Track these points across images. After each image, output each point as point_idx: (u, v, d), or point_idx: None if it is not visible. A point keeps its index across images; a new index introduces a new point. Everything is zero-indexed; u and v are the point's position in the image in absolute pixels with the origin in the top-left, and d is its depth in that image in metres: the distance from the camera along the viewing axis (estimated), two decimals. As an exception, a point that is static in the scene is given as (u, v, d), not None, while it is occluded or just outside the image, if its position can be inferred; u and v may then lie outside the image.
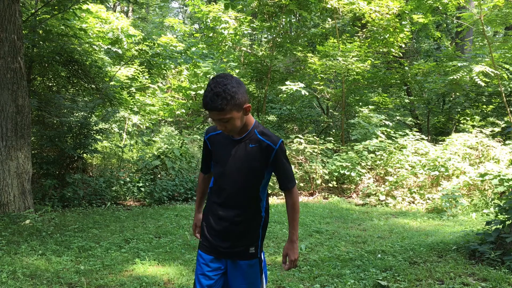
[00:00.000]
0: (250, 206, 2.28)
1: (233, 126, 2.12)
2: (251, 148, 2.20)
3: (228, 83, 2.04)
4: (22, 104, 6.37)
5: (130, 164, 10.15)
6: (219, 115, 2.05)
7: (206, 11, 12.85)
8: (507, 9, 11.02)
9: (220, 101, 2.01)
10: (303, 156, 10.75)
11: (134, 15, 24.43)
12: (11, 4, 6.27)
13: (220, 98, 2.01)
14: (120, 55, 11.12)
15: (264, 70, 13.87)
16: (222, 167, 2.26)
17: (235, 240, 2.28)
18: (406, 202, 9.06)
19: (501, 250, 4.36)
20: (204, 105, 2.07)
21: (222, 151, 2.27)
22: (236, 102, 2.05)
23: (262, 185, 2.28)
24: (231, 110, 2.04)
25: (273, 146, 2.18)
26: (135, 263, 4.43)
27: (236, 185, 2.24)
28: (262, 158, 2.20)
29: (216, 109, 2.03)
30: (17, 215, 6.04)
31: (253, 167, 2.21)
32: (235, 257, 2.29)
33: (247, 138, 2.21)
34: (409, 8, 12.72)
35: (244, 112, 2.12)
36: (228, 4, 7.52)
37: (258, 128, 2.23)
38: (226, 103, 2.02)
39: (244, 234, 2.28)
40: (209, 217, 2.35)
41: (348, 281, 3.93)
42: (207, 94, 2.04)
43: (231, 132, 2.17)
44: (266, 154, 2.20)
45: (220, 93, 2.01)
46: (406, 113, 16.01)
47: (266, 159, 2.20)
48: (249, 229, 2.30)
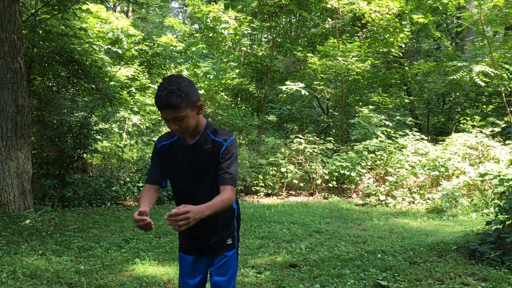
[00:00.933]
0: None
1: (187, 125, 2.11)
2: (206, 149, 2.21)
3: (181, 81, 2.06)
4: (22, 104, 6.37)
5: (130, 164, 10.15)
6: (173, 113, 2.05)
7: (206, 11, 12.85)
8: (507, 9, 11.02)
9: (175, 98, 2.02)
10: (303, 156, 10.75)
11: (134, 15, 24.43)
12: (11, 4, 6.27)
13: (175, 95, 2.02)
14: (120, 55, 11.11)
15: (264, 70, 13.87)
16: (182, 175, 2.25)
17: (211, 234, 2.29)
18: (406, 202, 9.06)
19: (501, 250, 4.36)
20: (158, 103, 2.05)
21: (179, 160, 2.25)
22: (190, 100, 2.07)
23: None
24: (185, 107, 2.06)
25: (223, 143, 2.19)
26: (135, 263, 4.43)
27: (201, 189, 2.23)
28: (217, 156, 2.20)
29: (172, 107, 2.03)
30: (17, 215, 6.04)
31: (213, 168, 2.20)
32: (214, 252, 2.31)
33: (201, 140, 2.22)
34: (409, 8, 12.72)
35: (197, 110, 2.14)
36: (228, 4, 7.52)
37: (210, 127, 2.24)
38: (181, 100, 2.03)
39: (218, 226, 2.30)
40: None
41: (348, 281, 3.93)
42: (161, 93, 2.03)
43: (184, 132, 2.15)
44: (218, 151, 2.20)
45: (174, 91, 2.02)
46: (406, 113, 16.01)
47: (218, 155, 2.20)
48: (223, 221, 2.31)
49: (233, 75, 14.41)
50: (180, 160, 2.25)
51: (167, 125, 2.14)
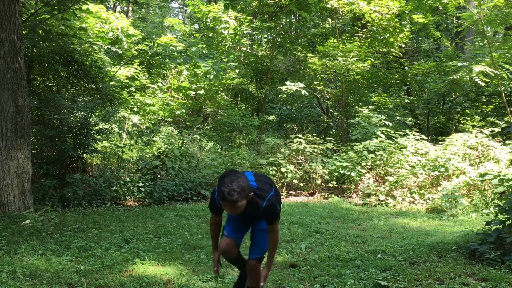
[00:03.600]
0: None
1: (241, 209, 2.80)
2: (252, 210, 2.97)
3: (240, 180, 2.72)
4: (22, 104, 6.37)
5: (130, 164, 10.15)
6: (233, 204, 2.73)
7: (206, 11, 12.85)
8: (507, 9, 11.02)
9: (236, 196, 2.69)
10: (303, 156, 10.75)
11: (134, 15, 24.42)
12: (11, 4, 6.27)
13: (236, 193, 2.69)
14: (120, 55, 11.10)
15: (264, 70, 13.88)
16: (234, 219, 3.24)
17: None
18: (406, 202, 9.06)
19: (501, 250, 4.36)
20: (222, 197, 2.71)
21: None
22: (245, 195, 2.75)
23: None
24: (242, 199, 2.74)
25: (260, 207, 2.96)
26: (135, 263, 4.43)
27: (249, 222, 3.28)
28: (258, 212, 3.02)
29: (232, 201, 2.70)
30: (17, 215, 6.04)
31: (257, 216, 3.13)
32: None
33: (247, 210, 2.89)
34: (409, 8, 12.72)
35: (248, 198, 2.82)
36: (228, 4, 7.51)
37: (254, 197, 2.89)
38: (239, 197, 2.70)
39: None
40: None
41: (348, 281, 3.93)
42: (225, 189, 2.69)
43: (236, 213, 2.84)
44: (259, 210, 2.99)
45: (235, 190, 2.69)
46: (406, 113, 16.01)
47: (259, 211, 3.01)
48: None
49: (233, 75, 14.42)
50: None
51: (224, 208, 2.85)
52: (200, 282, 3.94)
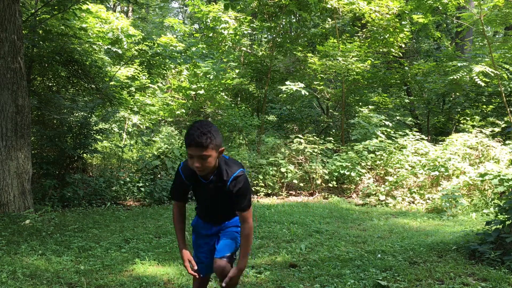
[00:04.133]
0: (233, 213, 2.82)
1: (209, 164, 2.46)
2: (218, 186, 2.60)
3: (212, 126, 2.44)
4: (22, 104, 6.37)
5: (130, 164, 10.15)
6: (201, 151, 2.39)
7: (206, 11, 12.85)
8: (507, 9, 11.02)
9: (205, 138, 2.38)
10: (303, 156, 10.75)
11: (134, 15, 24.42)
12: (11, 4, 6.27)
13: (205, 136, 2.38)
14: (120, 55, 11.11)
15: (264, 70, 13.87)
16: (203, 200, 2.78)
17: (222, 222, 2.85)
18: (406, 202, 9.06)
19: (501, 250, 4.36)
20: (189, 140, 2.40)
21: (198, 191, 2.72)
22: (217, 143, 2.44)
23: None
24: (212, 148, 2.41)
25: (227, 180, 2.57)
26: (135, 263, 4.43)
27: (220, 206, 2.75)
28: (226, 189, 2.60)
29: (201, 145, 2.38)
30: (17, 215, 6.04)
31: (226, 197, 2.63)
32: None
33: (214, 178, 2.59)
34: (409, 8, 12.72)
35: (219, 154, 2.50)
36: (228, 5, 7.51)
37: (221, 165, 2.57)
38: (210, 142, 2.39)
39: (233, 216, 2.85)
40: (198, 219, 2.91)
41: (348, 281, 3.93)
42: (194, 132, 2.39)
43: (204, 170, 2.49)
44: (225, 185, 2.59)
45: (206, 133, 2.39)
46: (406, 113, 16.01)
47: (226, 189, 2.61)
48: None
49: (233, 75, 14.41)
50: (200, 191, 2.72)
51: (189, 161, 2.50)
52: (200, 282, 3.94)
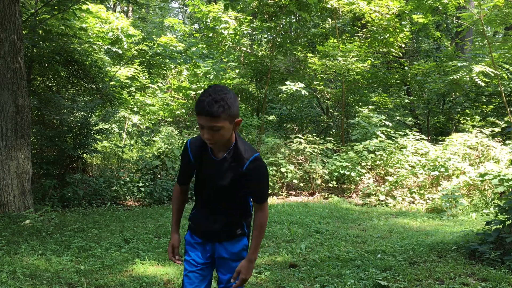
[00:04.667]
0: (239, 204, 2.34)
1: (221, 137, 2.09)
2: (232, 166, 2.20)
3: (227, 93, 2.04)
4: (22, 104, 6.37)
5: (130, 164, 10.15)
6: (212, 121, 2.02)
7: (206, 11, 12.85)
8: (507, 9, 11.02)
9: (217, 107, 1.99)
10: (303, 156, 10.74)
11: (134, 15, 24.42)
12: (11, 4, 6.27)
13: (217, 104, 1.99)
14: (120, 55, 11.11)
15: (264, 70, 13.87)
16: (208, 183, 2.30)
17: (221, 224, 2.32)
18: (406, 202, 9.06)
19: (501, 250, 4.36)
20: (199, 108, 2.02)
21: (205, 171, 2.28)
22: (231, 113, 2.04)
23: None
24: (225, 119, 2.03)
25: (244, 162, 2.17)
26: (135, 263, 4.43)
27: (224, 197, 2.29)
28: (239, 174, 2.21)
29: (212, 115, 2.00)
30: (17, 215, 6.04)
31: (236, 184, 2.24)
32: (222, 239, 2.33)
33: (229, 157, 2.20)
34: (409, 8, 12.72)
35: (234, 126, 2.11)
36: (228, 5, 7.51)
37: (238, 144, 2.20)
38: (222, 111, 2.00)
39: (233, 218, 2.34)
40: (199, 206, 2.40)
41: (348, 281, 3.93)
42: (204, 99, 2.01)
43: (216, 144, 2.13)
44: (240, 170, 2.19)
45: (218, 100, 2.00)
46: (406, 113, 16.01)
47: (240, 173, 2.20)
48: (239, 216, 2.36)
49: (233, 75, 14.41)
50: (206, 171, 2.27)
51: (200, 132, 2.11)
52: (200, 282, 3.94)
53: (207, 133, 2.06)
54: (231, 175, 2.20)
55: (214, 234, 2.33)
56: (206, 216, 2.34)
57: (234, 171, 2.19)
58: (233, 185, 2.23)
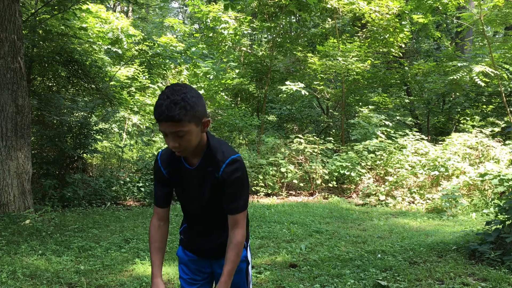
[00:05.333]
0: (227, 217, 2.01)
1: (188, 143, 1.81)
2: (210, 172, 1.92)
3: (187, 92, 1.76)
4: (22, 104, 6.37)
5: (130, 164, 10.14)
6: (175, 126, 1.75)
7: (206, 11, 12.86)
8: (507, 9, 11.02)
9: (178, 110, 1.72)
10: (303, 156, 10.74)
11: (134, 15, 24.42)
12: (11, 4, 6.26)
13: (178, 107, 1.72)
14: (120, 55, 11.12)
15: (264, 70, 13.87)
16: (188, 198, 2.03)
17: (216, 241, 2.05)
18: (406, 202, 9.06)
19: (501, 250, 4.36)
20: (158, 114, 1.74)
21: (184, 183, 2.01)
22: (195, 114, 1.77)
23: None
24: (189, 122, 1.76)
25: (220, 165, 1.89)
26: (135, 263, 4.43)
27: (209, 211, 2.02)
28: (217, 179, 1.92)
29: (173, 119, 1.72)
30: (17, 215, 6.04)
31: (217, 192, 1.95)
32: (220, 256, 2.01)
33: (203, 162, 1.92)
34: (409, 8, 12.72)
35: (202, 127, 1.84)
36: (228, 5, 7.50)
37: (211, 146, 1.92)
38: (185, 113, 1.73)
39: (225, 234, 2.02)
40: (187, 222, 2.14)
41: (348, 281, 3.93)
42: (162, 102, 1.72)
43: (184, 151, 1.85)
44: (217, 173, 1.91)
45: (178, 101, 1.72)
46: (406, 113, 16.01)
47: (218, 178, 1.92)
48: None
49: (233, 75, 14.42)
50: (184, 183, 2.01)
51: (165, 140, 1.82)
52: (200, 282, 3.94)
53: (172, 140, 1.80)
54: (210, 183, 1.92)
55: (209, 252, 2.08)
56: (197, 233, 2.08)
57: (211, 178, 1.91)
58: (215, 194, 1.94)
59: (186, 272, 2.13)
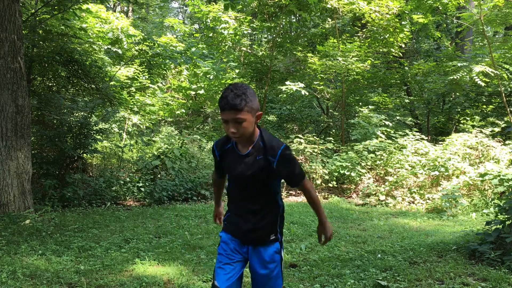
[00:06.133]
0: (268, 201, 2.43)
1: (245, 130, 2.21)
2: (258, 160, 2.32)
3: (247, 89, 2.21)
4: (22, 104, 6.37)
5: (130, 164, 10.14)
6: (236, 114, 2.16)
7: (206, 11, 12.86)
8: (507, 9, 11.02)
9: (239, 100, 2.15)
10: (303, 156, 10.74)
11: (134, 15, 24.42)
12: (11, 4, 6.26)
13: (240, 98, 2.15)
14: (120, 55, 11.11)
15: (264, 70, 13.87)
16: (236, 180, 2.42)
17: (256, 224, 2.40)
18: (406, 202, 9.06)
19: (501, 250, 4.36)
20: (223, 103, 2.17)
21: (232, 167, 2.41)
22: (252, 106, 2.20)
23: (275, 184, 2.43)
24: (247, 111, 2.18)
25: (274, 155, 2.29)
26: (135, 263, 4.43)
27: (252, 192, 2.39)
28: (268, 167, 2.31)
29: (235, 108, 2.15)
30: (17, 215, 6.04)
31: (265, 177, 2.34)
32: (256, 243, 2.41)
33: (254, 151, 2.32)
34: (409, 8, 12.73)
35: (256, 119, 2.26)
36: (228, 5, 7.50)
37: (263, 137, 2.33)
38: (245, 104, 2.16)
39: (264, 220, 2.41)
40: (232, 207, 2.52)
41: (348, 281, 3.93)
42: (227, 94, 2.17)
43: (241, 137, 2.24)
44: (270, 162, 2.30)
45: (240, 95, 2.16)
46: (406, 113, 16.01)
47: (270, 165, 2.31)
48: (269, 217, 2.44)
49: (233, 75, 14.41)
50: (233, 167, 2.40)
51: (225, 127, 2.24)
52: (200, 282, 3.94)
53: (232, 126, 2.19)
54: (259, 167, 2.31)
55: (248, 235, 2.41)
56: (239, 217, 2.44)
57: (263, 163, 2.30)
58: (261, 176, 2.32)
59: (224, 248, 2.46)
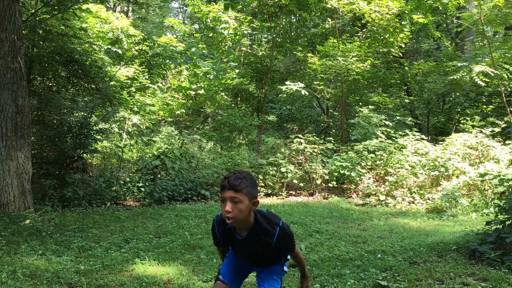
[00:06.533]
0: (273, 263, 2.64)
1: (240, 211, 2.28)
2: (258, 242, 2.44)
3: (249, 175, 2.35)
4: (22, 104, 6.37)
5: (130, 164, 10.14)
6: (234, 193, 2.25)
7: (206, 11, 12.86)
8: (507, 9, 11.02)
9: (239, 182, 2.25)
10: (303, 156, 10.75)
11: (134, 15, 24.42)
12: (11, 4, 6.27)
13: (240, 180, 2.27)
14: (120, 55, 11.11)
15: (264, 70, 13.87)
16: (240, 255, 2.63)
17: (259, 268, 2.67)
18: (406, 202, 9.06)
19: (501, 250, 4.36)
20: (224, 182, 2.28)
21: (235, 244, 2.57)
22: (251, 191, 2.30)
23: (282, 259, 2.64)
24: (246, 194, 2.27)
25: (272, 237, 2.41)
26: (135, 263, 4.43)
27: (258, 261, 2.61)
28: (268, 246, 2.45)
29: (235, 187, 2.24)
30: (17, 215, 6.04)
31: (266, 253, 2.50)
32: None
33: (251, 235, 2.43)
34: (409, 8, 12.73)
35: (252, 205, 2.34)
36: (228, 5, 7.50)
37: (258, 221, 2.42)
38: (245, 186, 2.26)
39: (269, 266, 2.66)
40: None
41: (348, 281, 3.93)
42: (230, 175, 2.30)
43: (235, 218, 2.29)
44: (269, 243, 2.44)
45: (242, 178, 2.29)
46: (406, 113, 16.01)
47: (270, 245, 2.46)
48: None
49: (233, 75, 14.42)
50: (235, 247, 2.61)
51: (221, 206, 2.31)
52: (200, 282, 3.94)
53: (228, 205, 2.26)
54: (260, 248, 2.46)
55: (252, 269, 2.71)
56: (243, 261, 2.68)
57: (262, 244, 2.44)
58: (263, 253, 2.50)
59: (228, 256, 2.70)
